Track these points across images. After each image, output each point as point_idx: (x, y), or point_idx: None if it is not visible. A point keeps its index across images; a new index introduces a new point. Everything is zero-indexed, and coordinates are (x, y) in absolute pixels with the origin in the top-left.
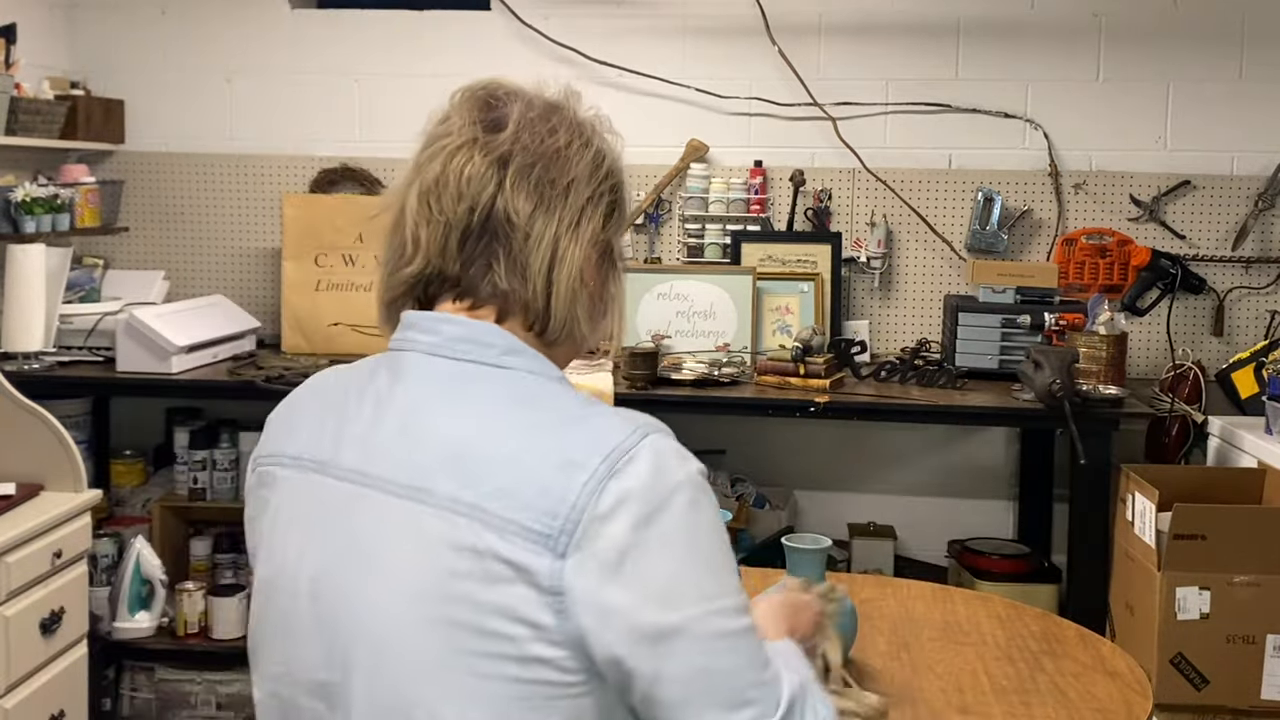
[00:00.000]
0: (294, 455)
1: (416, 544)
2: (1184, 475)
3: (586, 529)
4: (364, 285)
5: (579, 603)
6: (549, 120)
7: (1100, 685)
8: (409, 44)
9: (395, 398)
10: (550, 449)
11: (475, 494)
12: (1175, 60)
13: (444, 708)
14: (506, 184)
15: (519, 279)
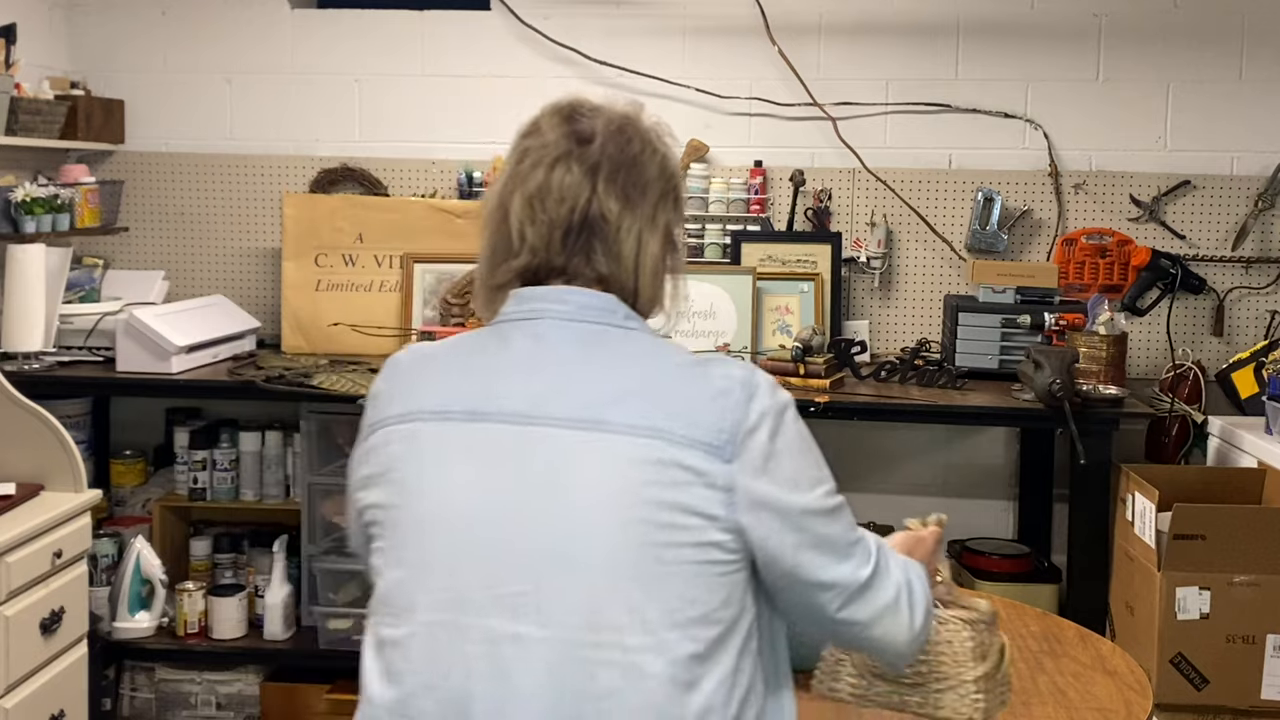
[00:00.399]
0: (436, 410)
1: (603, 463)
2: (1184, 475)
3: (742, 440)
4: (364, 285)
5: (741, 496)
6: (625, 132)
7: (1100, 685)
8: (409, 44)
9: (543, 354)
10: (701, 382)
11: (653, 420)
12: (1175, 60)
13: (637, 593)
14: (599, 188)
15: (615, 264)
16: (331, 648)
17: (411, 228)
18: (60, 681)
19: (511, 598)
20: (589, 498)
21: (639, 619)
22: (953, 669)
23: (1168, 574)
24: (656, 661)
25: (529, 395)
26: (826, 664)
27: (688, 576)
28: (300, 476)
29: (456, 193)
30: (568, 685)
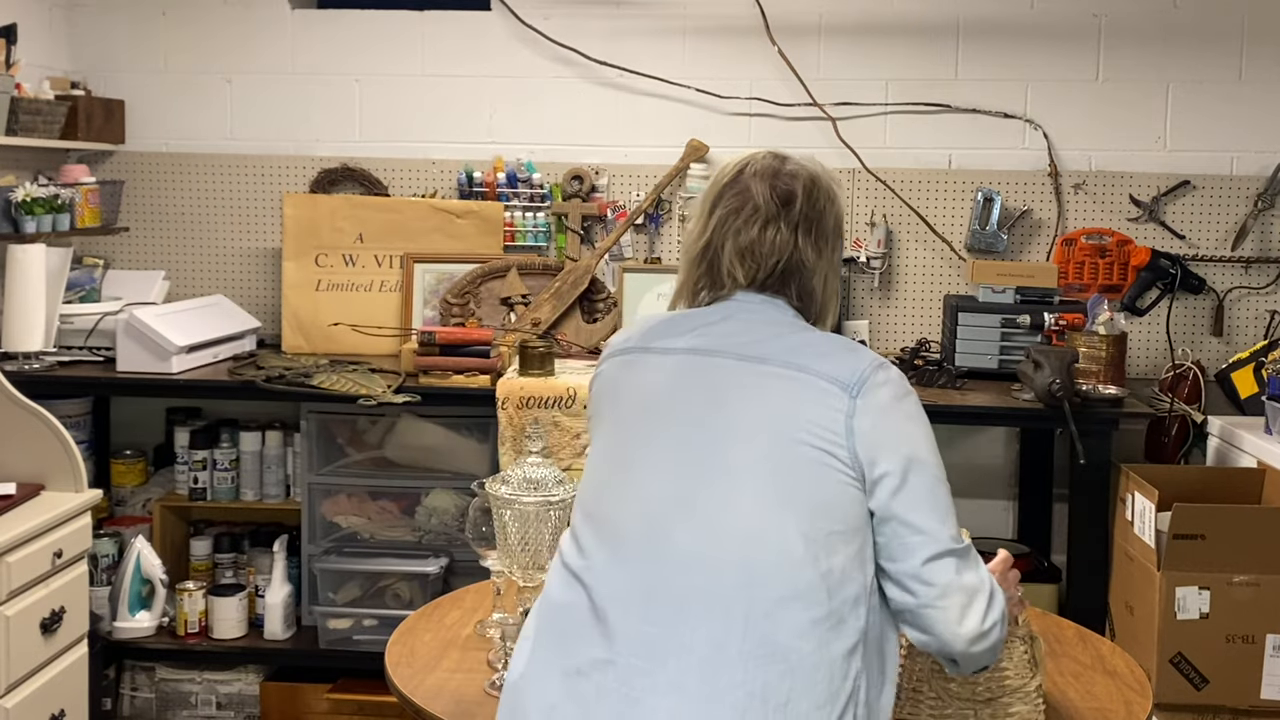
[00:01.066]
0: (643, 346)
1: (761, 386)
2: (1184, 475)
3: (868, 387)
4: (364, 285)
5: (859, 426)
6: (816, 191)
7: (1100, 685)
8: (409, 44)
9: (734, 318)
10: (843, 348)
11: (801, 360)
12: (1175, 60)
13: (782, 480)
14: (800, 243)
15: (807, 299)
16: (331, 648)
17: (411, 228)
18: (60, 681)
19: (680, 501)
20: (751, 411)
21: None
22: (1016, 680)
23: (1167, 574)
24: (798, 546)
25: (711, 338)
26: (904, 691)
27: (818, 476)
28: (300, 476)
29: (456, 193)
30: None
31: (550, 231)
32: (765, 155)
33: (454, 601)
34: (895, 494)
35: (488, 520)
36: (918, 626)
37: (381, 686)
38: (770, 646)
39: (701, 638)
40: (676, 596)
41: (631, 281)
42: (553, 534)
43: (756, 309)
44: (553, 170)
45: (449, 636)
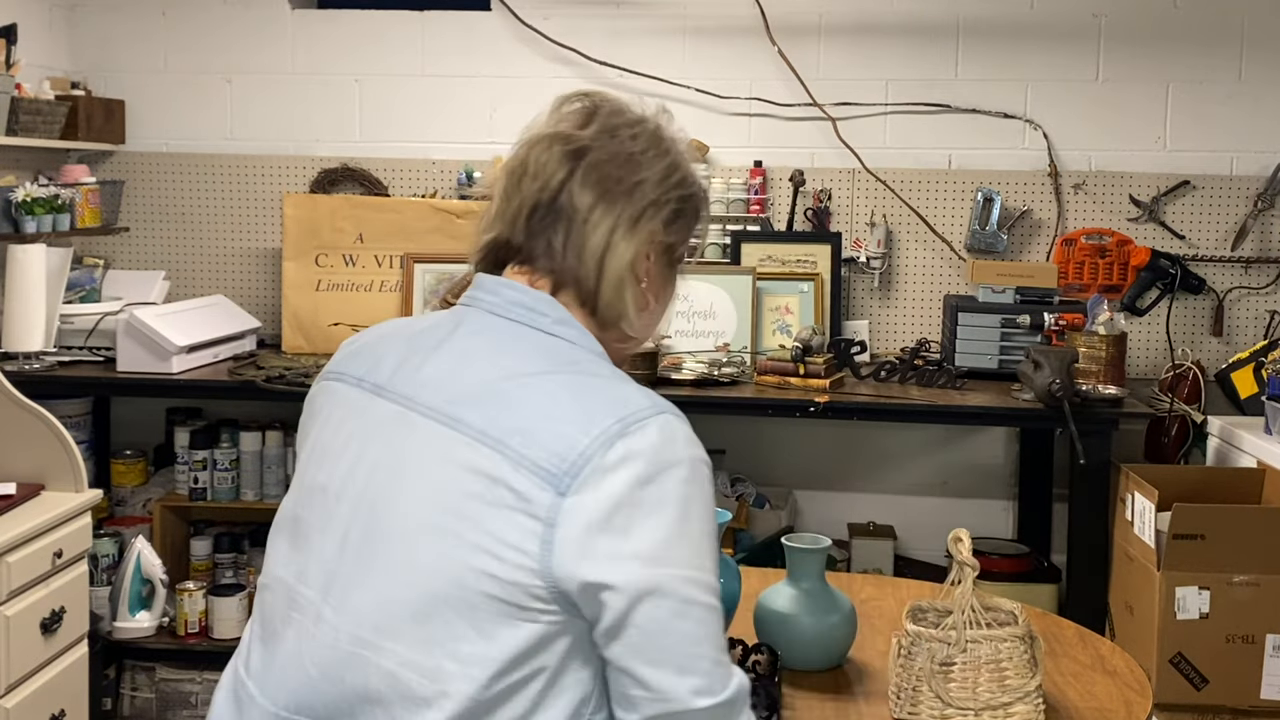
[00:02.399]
0: (358, 377)
1: (444, 462)
2: (1183, 475)
3: (589, 476)
4: (364, 285)
5: (566, 539)
6: (633, 128)
7: (1100, 685)
8: (409, 44)
9: (451, 343)
10: (573, 403)
11: (500, 430)
12: (1175, 60)
13: (428, 606)
14: (577, 174)
15: (575, 257)
16: None
17: (411, 228)
18: (60, 681)
19: (331, 576)
20: (419, 494)
21: (423, 638)
22: (1017, 681)
23: (1167, 574)
24: (428, 687)
25: (418, 380)
26: (904, 690)
27: (485, 608)
28: None
29: (456, 193)
30: (344, 677)
31: None
32: (599, 90)
33: None
34: (615, 634)
35: None
36: None
37: None
38: None
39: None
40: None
41: None
42: None
43: (485, 314)
44: None
45: None
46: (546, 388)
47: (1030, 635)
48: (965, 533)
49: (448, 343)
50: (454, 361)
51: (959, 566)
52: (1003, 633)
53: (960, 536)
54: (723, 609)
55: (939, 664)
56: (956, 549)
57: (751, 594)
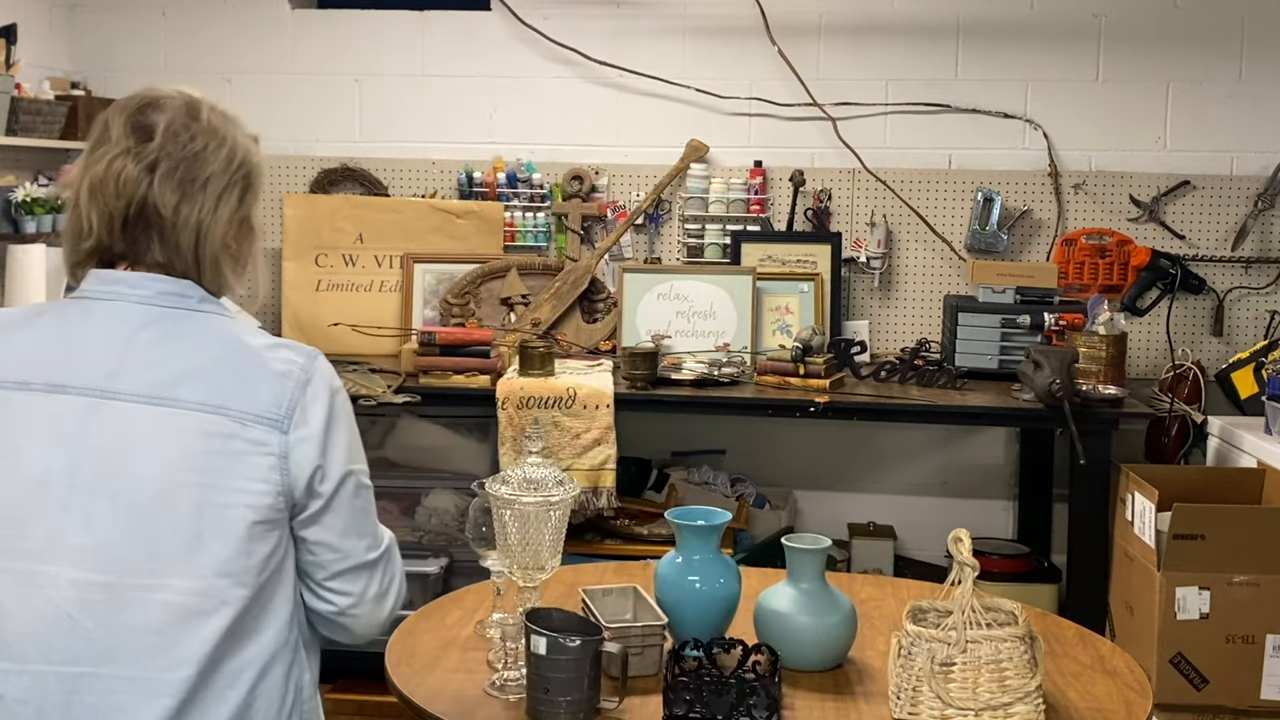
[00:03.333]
0: (17, 381)
1: (175, 433)
2: (1183, 475)
3: (299, 414)
4: (364, 285)
5: (296, 462)
6: (190, 129)
7: (1100, 685)
8: (409, 44)
9: (121, 333)
10: (263, 364)
11: (219, 398)
12: (1175, 60)
13: (196, 545)
14: (155, 184)
15: (173, 252)
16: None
17: (411, 228)
18: None
19: (77, 550)
20: (153, 467)
21: (197, 568)
22: (1017, 681)
23: (1167, 574)
24: (208, 603)
25: (105, 371)
26: (904, 690)
27: (245, 533)
28: None
29: (456, 193)
30: (114, 617)
31: (550, 232)
32: (148, 90)
33: (454, 601)
34: (319, 515)
35: (488, 520)
36: (331, 630)
37: (381, 686)
38: None
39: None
40: None
41: (631, 281)
42: (553, 534)
43: (124, 297)
44: (553, 170)
45: (449, 636)
46: (236, 357)
47: (1030, 635)
48: (965, 533)
49: (119, 334)
50: (138, 348)
51: (959, 566)
52: (1003, 633)
53: (960, 536)
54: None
55: (939, 664)
56: (956, 549)
57: (751, 594)
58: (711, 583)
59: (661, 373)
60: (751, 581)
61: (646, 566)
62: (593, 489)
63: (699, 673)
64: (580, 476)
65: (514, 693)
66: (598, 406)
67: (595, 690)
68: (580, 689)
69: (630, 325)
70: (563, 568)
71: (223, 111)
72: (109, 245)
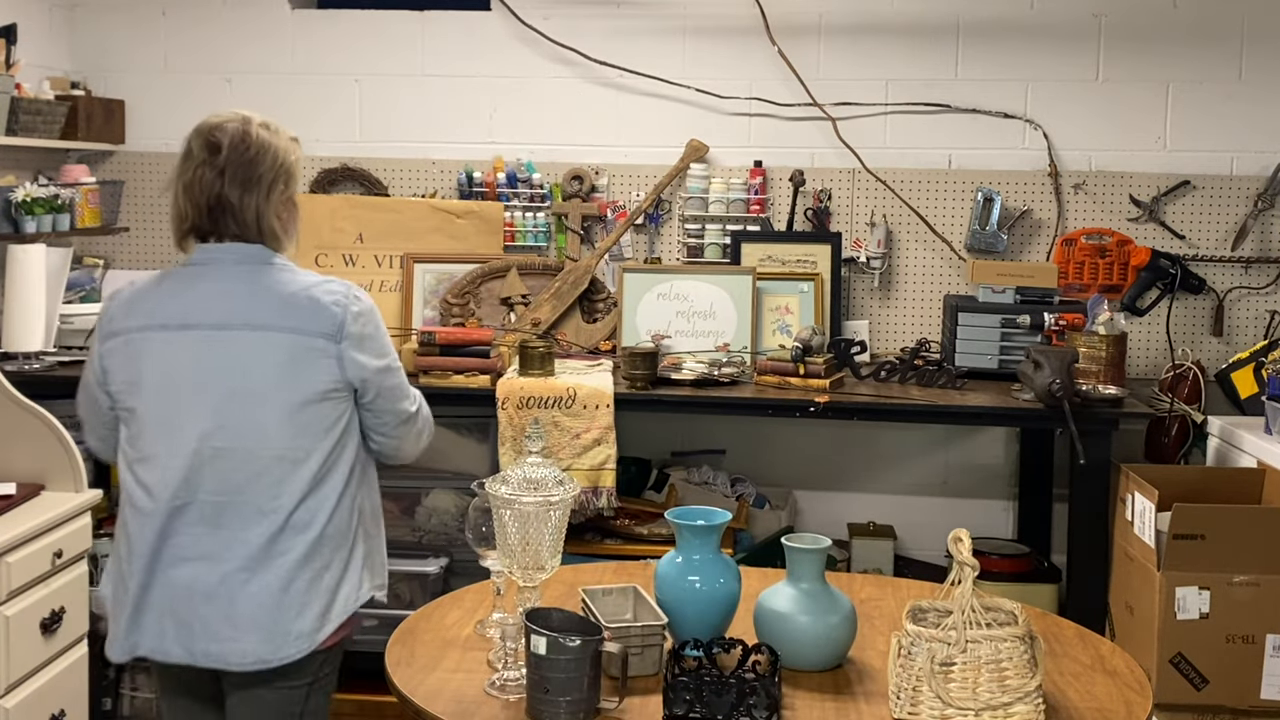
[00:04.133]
0: (160, 324)
1: (272, 351)
2: (1183, 475)
3: (347, 329)
4: (364, 285)
5: (349, 362)
6: (245, 142)
7: (1100, 685)
8: (409, 44)
9: (222, 285)
10: (317, 298)
11: (293, 322)
12: (1175, 60)
13: (295, 414)
14: (225, 184)
15: (243, 228)
16: None
17: (411, 228)
18: (61, 681)
19: (209, 428)
20: (256, 370)
21: (290, 432)
22: (1017, 681)
23: (1167, 574)
24: (300, 454)
25: (218, 311)
26: (904, 690)
27: (318, 408)
28: None
29: (456, 193)
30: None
31: (550, 231)
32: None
33: (454, 601)
34: (375, 393)
35: (488, 520)
36: (389, 461)
37: (381, 686)
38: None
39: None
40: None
41: (631, 281)
42: (553, 534)
43: (217, 262)
44: (553, 170)
45: (449, 636)
46: (299, 293)
47: (1030, 635)
48: (965, 533)
49: (220, 286)
50: (238, 295)
51: (959, 566)
52: (1003, 633)
53: (960, 536)
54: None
55: (939, 664)
56: (956, 549)
57: (751, 594)
58: (711, 583)
59: (661, 373)
60: (751, 581)
61: (646, 566)
62: (593, 489)
63: (699, 673)
64: (580, 476)
65: (514, 693)
66: (598, 406)
67: (595, 690)
68: (580, 689)
69: (630, 325)
70: (563, 568)
71: (267, 124)
72: (199, 225)
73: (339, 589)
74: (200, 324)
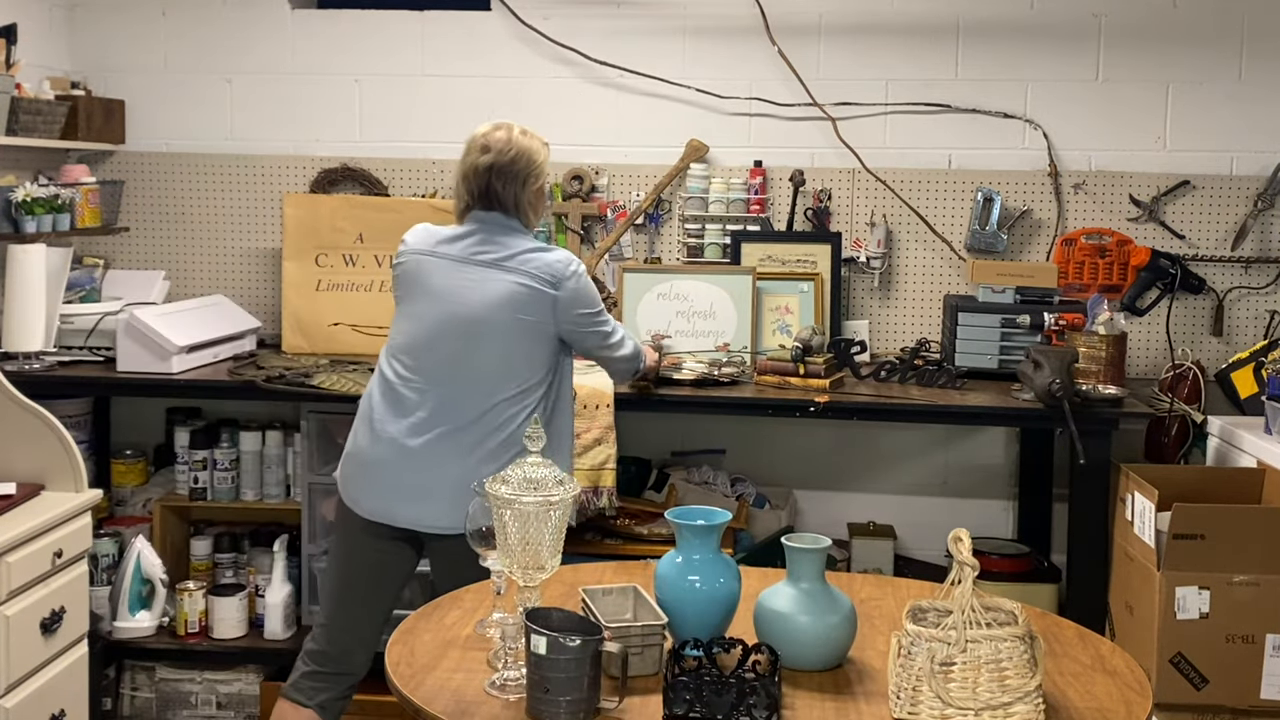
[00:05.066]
0: (430, 251)
1: (499, 285)
2: (1183, 475)
3: (564, 281)
4: (364, 285)
5: (562, 307)
6: (508, 147)
7: (1100, 685)
8: (409, 44)
9: (484, 237)
10: (543, 256)
11: (523, 270)
12: (1175, 60)
13: (511, 345)
14: (494, 177)
15: (504, 208)
16: None
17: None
18: (60, 681)
19: (451, 354)
20: (491, 299)
21: (508, 364)
22: (1017, 681)
23: (1167, 574)
24: (526, 376)
25: (474, 251)
26: (904, 690)
27: (537, 339)
28: (300, 476)
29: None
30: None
31: (550, 232)
32: (488, 126)
33: (454, 601)
34: (583, 335)
35: (488, 520)
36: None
37: (381, 686)
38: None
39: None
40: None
41: (631, 281)
42: (553, 534)
43: (486, 225)
44: (553, 170)
45: (449, 636)
46: (534, 250)
47: (1030, 635)
48: (965, 533)
49: (483, 237)
50: (490, 244)
51: (959, 566)
52: (1003, 633)
53: (960, 536)
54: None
55: (939, 664)
56: (956, 549)
57: (751, 594)
58: (711, 583)
59: (662, 372)
60: (751, 581)
61: (646, 566)
62: (593, 489)
63: (699, 672)
64: (580, 476)
65: (514, 693)
66: (598, 406)
67: (595, 690)
68: (580, 689)
69: (630, 325)
70: (563, 568)
71: (526, 131)
72: (473, 205)
73: None
74: (461, 257)
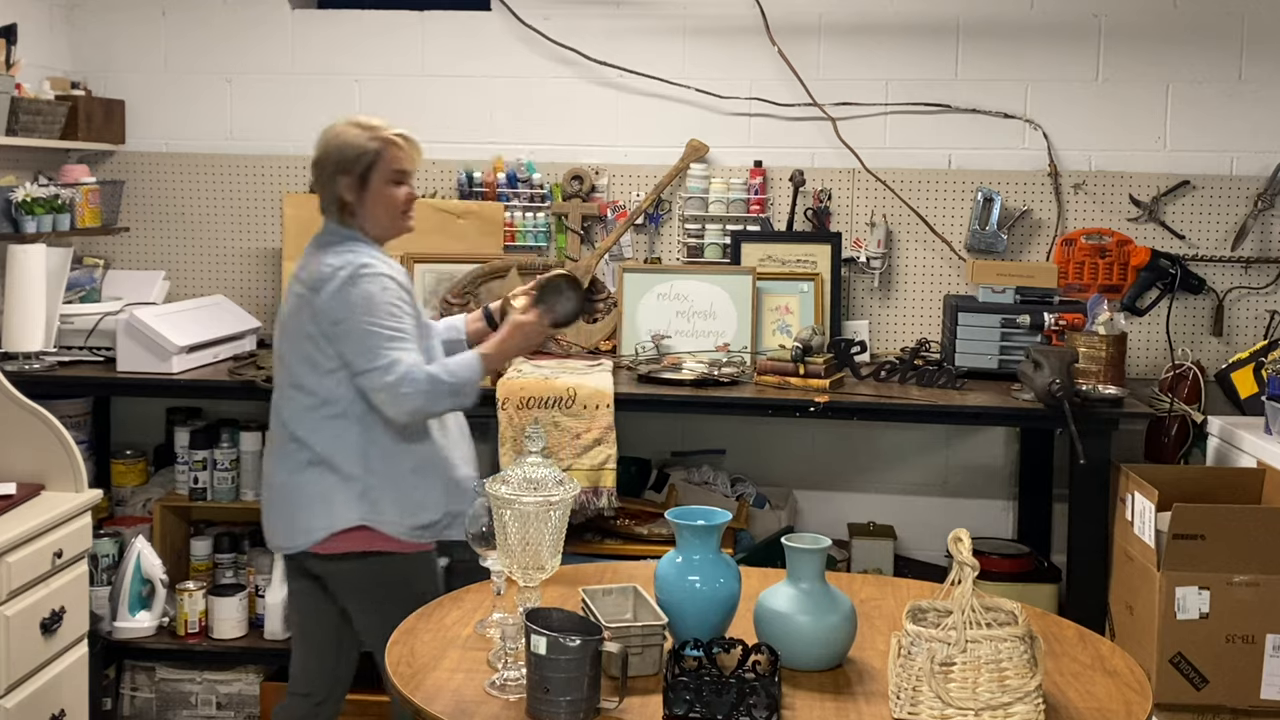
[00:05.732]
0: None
1: (292, 292)
2: (1183, 475)
3: (323, 286)
4: None
5: (321, 312)
6: (319, 140)
7: (1100, 685)
8: (409, 44)
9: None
10: (332, 258)
11: (300, 274)
12: (1175, 60)
13: (294, 353)
14: (314, 176)
15: (326, 211)
16: None
17: None
18: (60, 681)
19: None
20: (285, 308)
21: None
22: (1017, 681)
23: (1167, 574)
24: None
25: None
26: (904, 690)
27: (316, 347)
28: None
29: (456, 193)
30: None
31: (550, 231)
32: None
33: (454, 601)
34: (343, 352)
35: (488, 520)
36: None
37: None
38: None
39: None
40: None
41: (631, 281)
42: (553, 534)
43: (317, 236)
44: (553, 170)
45: (449, 636)
46: (318, 256)
47: (1030, 635)
48: (965, 533)
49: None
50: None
51: (959, 566)
52: (1003, 633)
53: (960, 536)
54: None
55: (939, 664)
56: (956, 549)
57: (751, 594)
58: (711, 583)
59: (662, 372)
60: (751, 581)
61: (646, 566)
62: (593, 489)
63: (699, 673)
64: (580, 476)
65: (514, 693)
66: (598, 406)
67: (595, 690)
68: (580, 689)
69: (630, 325)
70: (563, 568)
71: (357, 121)
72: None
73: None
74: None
